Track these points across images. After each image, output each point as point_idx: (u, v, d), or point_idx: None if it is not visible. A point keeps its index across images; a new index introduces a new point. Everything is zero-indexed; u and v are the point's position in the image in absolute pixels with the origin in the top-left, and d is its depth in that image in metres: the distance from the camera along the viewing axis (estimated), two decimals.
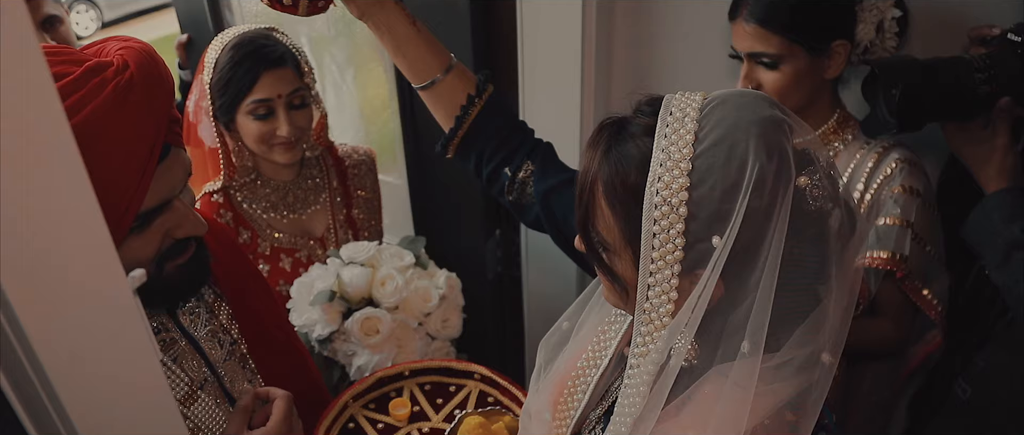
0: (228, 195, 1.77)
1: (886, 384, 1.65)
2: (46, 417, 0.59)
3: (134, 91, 0.90)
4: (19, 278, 0.52)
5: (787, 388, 0.81)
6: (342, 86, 2.51)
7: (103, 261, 0.58)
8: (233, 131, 1.70)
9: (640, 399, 0.84)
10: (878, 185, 1.45)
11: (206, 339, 1.19)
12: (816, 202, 0.78)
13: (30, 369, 0.56)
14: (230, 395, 1.20)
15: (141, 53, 0.94)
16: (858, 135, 1.50)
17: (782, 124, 0.78)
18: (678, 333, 0.80)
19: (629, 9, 1.79)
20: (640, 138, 0.81)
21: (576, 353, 1.05)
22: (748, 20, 1.40)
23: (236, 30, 1.67)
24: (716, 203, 0.75)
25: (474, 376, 1.46)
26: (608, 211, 0.83)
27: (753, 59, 1.43)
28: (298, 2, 1.26)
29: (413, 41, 1.31)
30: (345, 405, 1.40)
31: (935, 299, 1.47)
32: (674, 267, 0.78)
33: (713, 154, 0.76)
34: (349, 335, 1.56)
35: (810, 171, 0.78)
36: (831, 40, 1.39)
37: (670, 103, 0.81)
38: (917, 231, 1.43)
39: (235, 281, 1.28)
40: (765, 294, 0.76)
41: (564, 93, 1.82)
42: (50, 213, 0.54)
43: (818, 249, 0.79)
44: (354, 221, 1.94)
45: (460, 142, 1.38)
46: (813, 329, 0.80)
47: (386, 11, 1.28)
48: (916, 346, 1.60)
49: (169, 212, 1.01)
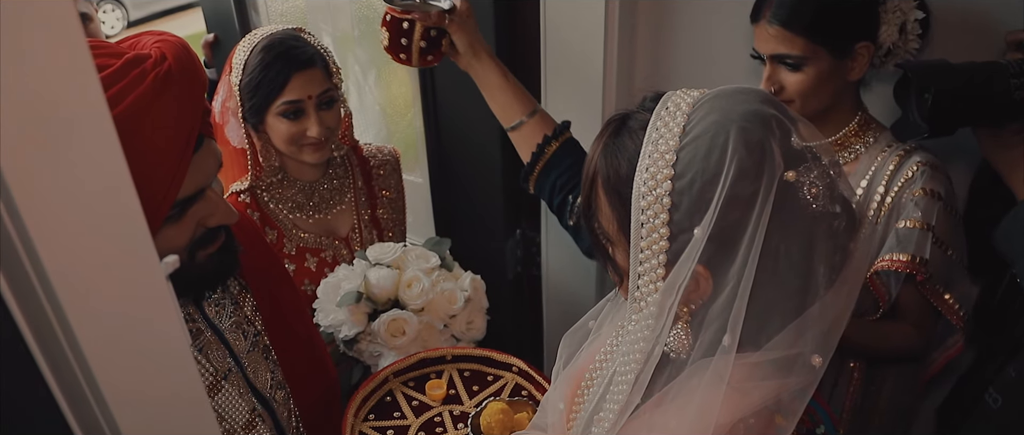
0: (255, 195, 1.79)
1: (906, 389, 1.63)
2: (83, 400, 0.61)
3: (172, 82, 0.93)
4: (63, 268, 0.54)
5: (772, 386, 0.81)
6: (364, 86, 2.54)
7: (139, 248, 0.60)
8: (261, 132, 1.72)
9: (627, 387, 0.86)
10: (899, 188, 1.44)
11: (231, 330, 1.21)
12: (815, 201, 0.77)
13: (70, 354, 0.58)
14: (253, 386, 1.23)
15: (177, 46, 0.97)
16: (880, 138, 1.50)
17: (769, 119, 0.78)
18: (661, 319, 0.81)
19: (651, 8, 1.80)
20: (636, 132, 0.84)
21: (595, 349, 1.07)
22: (771, 22, 1.40)
23: (264, 31, 1.69)
24: (696, 194, 0.77)
25: (512, 368, 1.52)
26: (606, 203, 0.87)
27: (776, 61, 1.43)
28: (412, 56, 1.57)
29: (503, 89, 1.57)
30: (385, 379, 1.47)
31: (957, 304, 1.46)
32: (660, 257, 0.80)
33: (696, 146, 0.78)
34: (375, 336, 1.57)
35: (805, 168, 0.78)
36: (854, 42, 1.39)
37: (668, 99, 0.83)
38: (938, 235, 1.42)
39: (260, 273, 1.30)
40: (745, 286, 0.77)
41: (586, 92, 1.83)
42: (92, 201, 0.56)
43: (810, 248, 0.79)
44: (379, 221, 1.96)
45: (537, 176, 1.58)
46: (800, 329, 0.80)
47: (483, 64, 1.56)
48: (937, 351, 1.59)
49: (202, 201, 1.04)
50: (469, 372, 1.53)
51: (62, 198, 0.53)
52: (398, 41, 1.56)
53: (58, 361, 0.58)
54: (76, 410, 0.62)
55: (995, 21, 1.44)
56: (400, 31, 1.55)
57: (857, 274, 0.83)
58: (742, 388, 0.80)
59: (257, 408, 1.22)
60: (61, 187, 0.53)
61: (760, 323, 0.80)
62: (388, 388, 1.48)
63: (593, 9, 1.73)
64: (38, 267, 0.53)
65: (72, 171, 0.54)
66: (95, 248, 0.57)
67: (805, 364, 0.80)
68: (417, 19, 1.52)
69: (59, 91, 0.52)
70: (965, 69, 1.28)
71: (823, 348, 0.80)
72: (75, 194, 0.54)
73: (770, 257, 0.77)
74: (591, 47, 1.77)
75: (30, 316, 0.55)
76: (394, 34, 1.56)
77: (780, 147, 0.77)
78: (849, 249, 0.82)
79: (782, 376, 0.81)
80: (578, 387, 1.05)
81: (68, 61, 0.52)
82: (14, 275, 0.53)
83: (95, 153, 0.55)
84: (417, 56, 1.57)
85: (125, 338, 0.61)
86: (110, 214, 0.57)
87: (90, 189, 0.56)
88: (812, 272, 0.79)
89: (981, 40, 1.44)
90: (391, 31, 1.56)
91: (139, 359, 0.63)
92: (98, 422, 0.63)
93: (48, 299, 0.54)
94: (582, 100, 1.85)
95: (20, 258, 0.52)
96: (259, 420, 1.21)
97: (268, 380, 1.26)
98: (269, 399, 1.25)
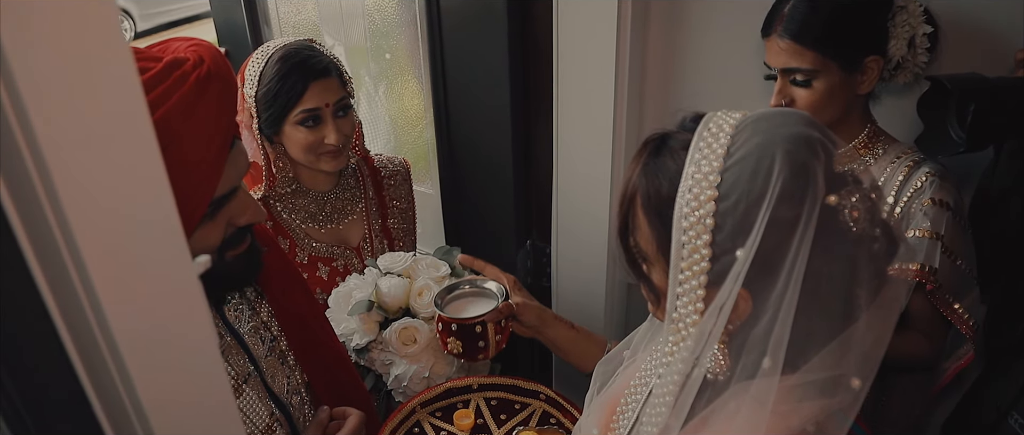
0: (268, 205, 1.81)
1: (916, 400, 1.63)
2: (117, 398, 0.63)
3: (212, 83, 0.95)
4: (103, 266, 0.55)
5: (812, 408, 0.81)
6: (375, 97, 2.56)
7: (174, 248, 0.62)
8: (276, 143, 1.74)
9: (665, 409, 0.86)
10: (908, 198, 1.45)
11: (249, 335, 1.23)
12: (855, 224, 0.77)
13: (107, 351, 0.59)
14: (271, 390, 1.24)
15: (211, 49, 1.00)
16: (889, 149, 1.51)
17: (814, 143, 0.78)
18: (702, 342, 0.81)
19: (663, 21, 1.81)
20: (678, 152, 0.83)
21: (629, 375, 1.07)
22: (782, 36, 1.41)
23: (277, 43, 1.71)
24: (740, 216, 0.76)
25: (540, 396, 1.52)
26: (645, 222, 0.86)
27: (786, 75, 1.45)
28: (490, 350, 1.47)
29: (575, 341, 1.52)
30: (412, 410, 1.47)
31: (966, 313, 1.46)
32: (701, 278, 0.79)
33: (740, 168, 0.77)
34: (387, 345, 1.58)
35: (847, 192, 0.77)
36: (864, 55, 1.41)
37: (710, 120, 0.83)
38: (947, 244, 1.43)
39: (276, 278, 1.32)
40: (787, 310, 0.77)
41: (598, 105, 1.85)
42: (131, 202, 0.57)
43: (851, 272, 0.79)
44: (389, 231, 1.97)
45: None
46: (840, 351, 0.79)
47: (552, 327, 1.52)
48: (947, 362, 1.59)
49: (234, 200, 1.06)
50: (496, 401, 1.53)
51: (106, 199, 0.55)
52: (475, 345, 1.47)
53: (94, 361, 0.60)
54: (109, 412, 0.63)
55: (1003, 35, 1.46)
56: (473, 335, 1.46)
57: (896, 297, 0.82)
58: (780, 411, 0.80)
59: (275, 413, 1.23)
60: (104, 188, 0.55)
61: (800, 346, 0.79)
62: (416, 419, 1.48)
63: (605, 19, 1.74)
64: (81, 269, 0.54)
65: (114, 173, 0.55)
66: (134, 249, 0.58)
67: (845, 387, 0.79)
68: (487, 320, 1.46)
69: (102, 92, 0.54)
70: (1001, 84, 1.29)
71: (863, 371, 0.79)
72: (117, 195, 0.56)
73: (811, 280, 0.77)
74: (603, 60, 1.78)
75: (68, 315, 0.57)
76: (469, 341, 1.46)
77: (824, 170, 0.77)
78: (887, 273, 0.81)
79: (822, 398, 0.80)
80: (612, 414, 1.05)
81: (111, 64, 0.54)
82: (54, 273, 0.55)
83: (136, 155, 0.56)
84: (495, 348, 1.49)
85: (159, 338, 0.63)
86: (149, 215, 0.59)
87: (131, 191, 0.57)
88: (852, 296, 0.79)
89: (989, 54, 1.45)
90: (463, 338, 1.46)
91: (172, 359, 0.65)
92: (131, 422, 0.64)
93: (88, 299, 0.56)
94: (594, 112, 1.86)
95: (63, 258, 0.54)
96: (277, 425, 1.23)
97: (285, 385, 1.28)
98: (286, 404, 1.26)
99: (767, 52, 1.48)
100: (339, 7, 2.46)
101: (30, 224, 0.52)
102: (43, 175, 0.51)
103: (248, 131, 1.72)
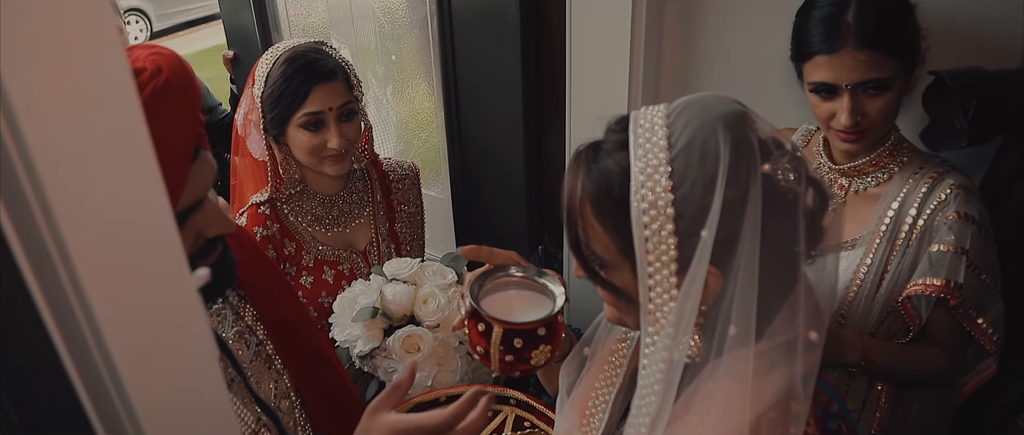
0: (275, 206, 1.80)
1: (935, 414, 1.60)
2: (111, 407, 0.61)
3: (170, 94, 0.92)
4: (96, 274, 0.54)
5: (784, 375, 0.83)
6: (383, 100, 2.54)
7: (172, 259, 0.60)
8: (282, 144, 1.73)
9: (655, 397, 0.86)
10: (931, 211, 1.40)
11: (234, 340, 1.22)
12: (788, 185, 0.81)
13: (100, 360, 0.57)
14: (256, 395, 1.23)
15: (171, 58, 0.96)
16: (912, 158, 1.46)
17: (745, 117, 0.82)
18: (680, 325, 0.83)
19: (678, 23, 1.79)
20: (616, 153, 0.86)
21: (593, 375, 1.08)
22: (858, 47, 1.31)
23: (287, 44, 1.70)
24: (698, 199, 0.79)
25: (510, 401, 1.47)
26: (599, 227, 0.87)
27: (860, 88, 1.35)
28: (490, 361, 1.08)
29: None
30: None
31: (990, 328, 1.41)
32: (671, 266, 0.81)
33: (688, 153, 0.80)
34: (390, 352, 1.56)
35: (776, 157, 0.81)
36: (918, 53, 1.36)
37: (638, 116, 0.86)
38: (972, 258, 1.38)
39: (258, 282, 1.30)
40: (748, 279, 0.80)
41: (612, 99, 1.82)
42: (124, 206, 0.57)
43: (793, 230, 0.82)
44: (396, 235, 1.95)
45: None
46: (793, 309, 0.83)
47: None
48: (968, 376, 1.55)
49: (201, 211, 1.03)
50: None
51: (98, 203, 0.54)
52: (527, 355, 1.09)
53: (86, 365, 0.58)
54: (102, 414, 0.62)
55: (984, 32, 1.44)
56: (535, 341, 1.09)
57: (833, 248, 0.87)
58: (758, 382, 0.82)
59: (262, 418, 1.21)
60: (97, 193, 0.54)
61: (762, 311, 0.82)
62: None
63: (619, 19, 1.72)
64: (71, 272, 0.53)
65: (107, 176, 0.54)
66: (126, 253, 0.57)
67: (806, 343, 0.82)
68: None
69: (96, 94, 0.52)
70: (1000, 78, 1.26)
71: (817, 323, 0.83)
72: (109, 198, 0.55)
73: (766, 244, 0.80)
74: (618, 49, 1.76)
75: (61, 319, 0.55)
76: (525, 349, 1.08)
77: (757, 141, 0.81)
78: (822, 225, 0.86)
79: (788, 363, 0.83)
80: (584, 415, 1.06)
81: (105, 66, 0.52)
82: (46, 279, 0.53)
83: (129, 158, 0.56)
84: (499, 362, 1.10)
85: (153, 341, 0.61)
86: (141, 219, 0.58)
87: (123, 194, 0.56)
88: (794, 255, 0.83)
89: (970, 49, 1.43)
90: (522, 347, 1.07)
91: (168, 363, 0.63)
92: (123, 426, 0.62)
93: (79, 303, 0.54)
94: (608, 106, 1.84)
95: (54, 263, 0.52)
96: (264, 430, 1.21)
97: (272, 390, 1.26)
98: (274, 409, 1.25)
99: (828, 68, 1.35)
100: (349, 9, 2.44)
101: (21, 228, 0.51)
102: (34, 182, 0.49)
103: (258, 131, 1.71)
